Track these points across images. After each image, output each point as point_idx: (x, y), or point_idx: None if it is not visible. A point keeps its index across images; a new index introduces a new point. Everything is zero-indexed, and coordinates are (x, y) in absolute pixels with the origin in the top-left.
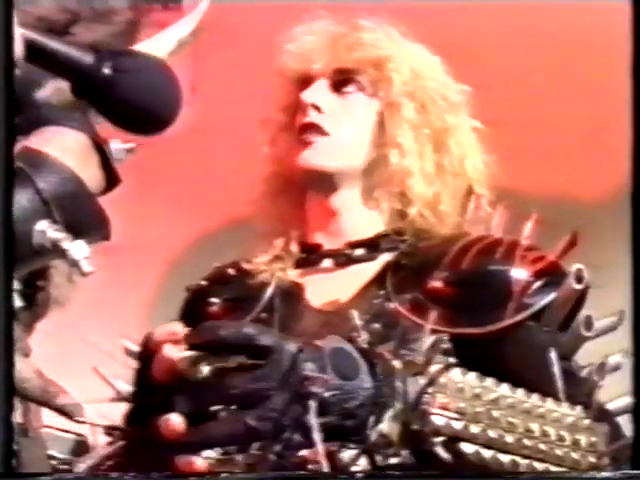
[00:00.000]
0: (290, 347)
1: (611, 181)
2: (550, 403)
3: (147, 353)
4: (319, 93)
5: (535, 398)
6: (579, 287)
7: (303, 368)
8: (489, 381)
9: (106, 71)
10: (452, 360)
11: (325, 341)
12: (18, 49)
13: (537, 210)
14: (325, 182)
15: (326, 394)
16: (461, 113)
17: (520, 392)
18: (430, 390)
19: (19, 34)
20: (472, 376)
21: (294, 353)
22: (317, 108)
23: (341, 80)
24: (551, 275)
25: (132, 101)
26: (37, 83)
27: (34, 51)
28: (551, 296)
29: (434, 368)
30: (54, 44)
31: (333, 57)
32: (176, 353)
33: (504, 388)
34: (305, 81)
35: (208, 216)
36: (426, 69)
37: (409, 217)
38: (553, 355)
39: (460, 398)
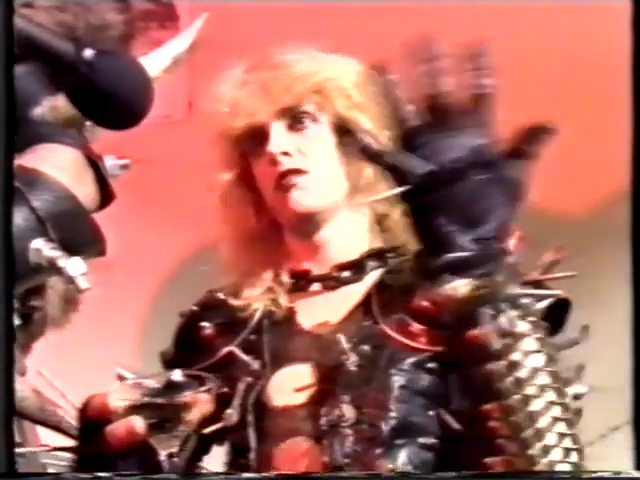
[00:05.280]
0: None
1: (601, 194)
2: None
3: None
4: (281, 139)
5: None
6: (582, 340)
7: None
8: None
9: (86, 57)
10: None
11: None
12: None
13: (520, 226)
14: (314, 220)
15: None
16: None
17: None
18: None
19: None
20: None
21: None
22: (286, 154)
23: (292, 118)
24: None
25: (109, 92)
26: (33, 100)
27: (18, 37)
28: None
29: None
30: (36, 31)
31: (273, 101)
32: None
33: None
34: (254, 134)
35: (201, 233)
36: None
37: (391, 222)
38: None
39: None
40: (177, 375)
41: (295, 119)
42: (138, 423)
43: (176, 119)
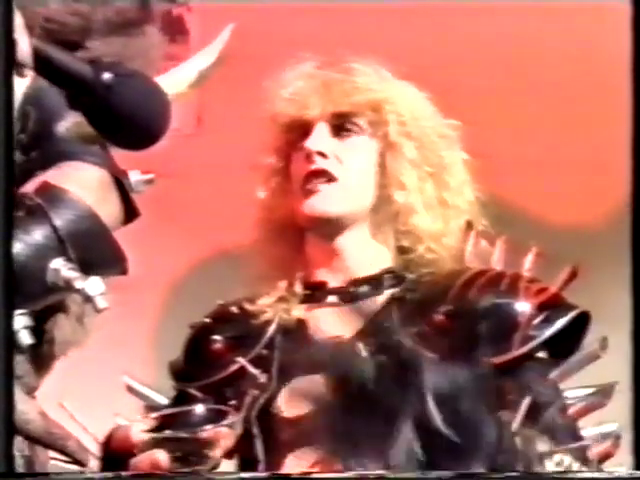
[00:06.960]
0: None
1: (610, 208)
2: None
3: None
4: (322, 139)
5: None
6: (602, 354)
7: None
8: None
9: (104, 81)
10: None
11: None
12: (27, 58)
13: (536, 242)
14: (330, 226)
15: None
16: (455, 147)
17: None
18: None
19: (27, 41)
20: None
21: None
22: (322, 154)
23: (340, 124)
24: (554, 307)
25: (126, 115)
26: (57, 115)
27: (36, 59)
28: (553, 328)
29: None
30: (55, 53)
31: (329, 102)
32: None
33: None
34: (300, 126)
35: (209, 246)
36: (420, 107)
37: (417, 252)
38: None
39: None
40: (200, 409)
41: (342, 126)
42: (162, 457)
43: (184, 133)
